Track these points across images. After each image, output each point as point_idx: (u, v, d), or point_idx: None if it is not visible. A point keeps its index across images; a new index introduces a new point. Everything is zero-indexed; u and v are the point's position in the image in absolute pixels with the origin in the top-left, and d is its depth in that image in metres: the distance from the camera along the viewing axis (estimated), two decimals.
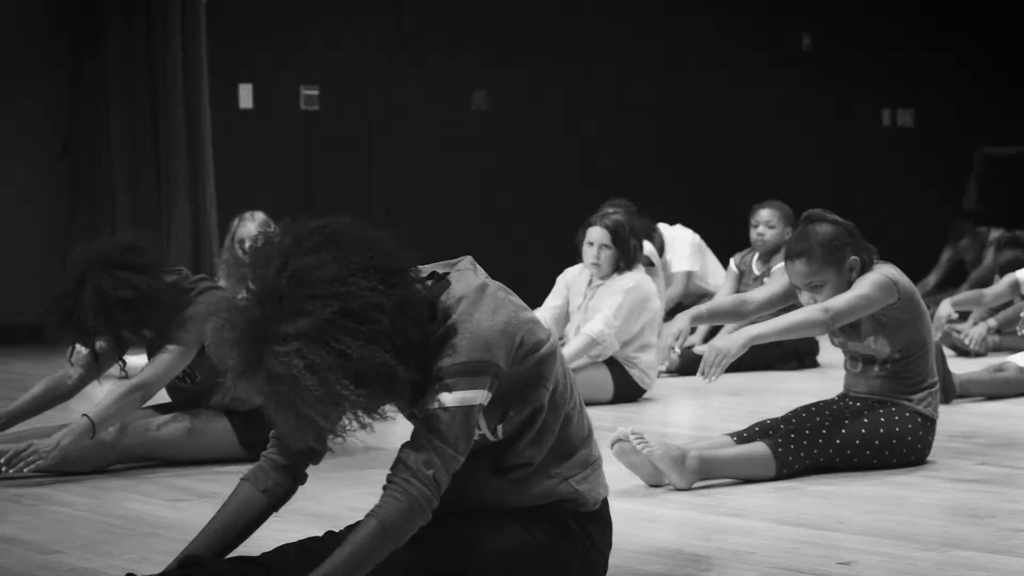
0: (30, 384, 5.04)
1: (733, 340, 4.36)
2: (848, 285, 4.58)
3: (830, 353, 7.88)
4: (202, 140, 9.67)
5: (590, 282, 6.56)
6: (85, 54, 9.83)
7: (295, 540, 2.97)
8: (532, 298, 4.96)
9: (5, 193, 9.97)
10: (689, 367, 7.57)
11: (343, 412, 2.68)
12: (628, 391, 6.38)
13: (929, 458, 4.74)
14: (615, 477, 3.12)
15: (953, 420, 5.65)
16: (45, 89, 10.00)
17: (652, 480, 4.39)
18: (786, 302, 4.81)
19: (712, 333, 7.86)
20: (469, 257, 2.98)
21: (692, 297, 9.31)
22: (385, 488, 2.77)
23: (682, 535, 3.74)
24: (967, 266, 11.24)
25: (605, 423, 5.30)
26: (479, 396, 2.77)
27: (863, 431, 4.60)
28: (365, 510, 3.20)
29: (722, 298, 4.62)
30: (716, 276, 9.52)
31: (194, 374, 4.87)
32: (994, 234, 10.96)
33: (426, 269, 2.93)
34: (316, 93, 11.04)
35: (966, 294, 7.03)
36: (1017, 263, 8.13)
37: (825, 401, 4.82)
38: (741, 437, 4.62)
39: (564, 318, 6.64)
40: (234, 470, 4.77)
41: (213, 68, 9.82)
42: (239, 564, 2.82)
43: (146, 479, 4.64)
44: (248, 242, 7.86)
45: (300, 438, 2.74)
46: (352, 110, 11.23)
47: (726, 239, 9.63)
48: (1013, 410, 6.14)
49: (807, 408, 4.78)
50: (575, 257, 6.70)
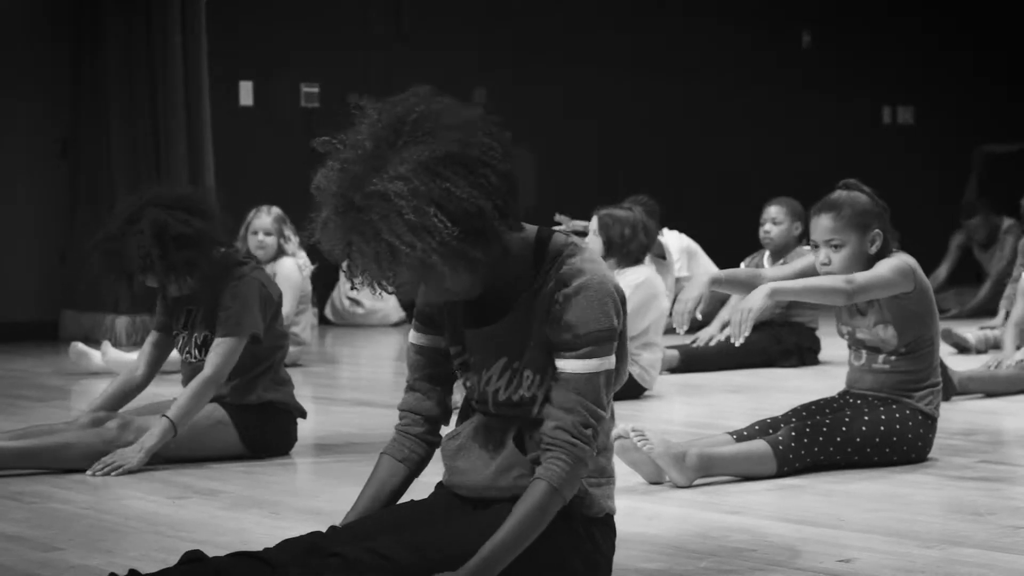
0: (31, 383, 5.04)
1: (755, 295, 4.37)
2: (865, 256, 4.62)
3: (831, 351, 7.89)
4: (202, 138, 9.67)
5: None
6: (85, 53, 9.83)
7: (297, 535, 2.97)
8: None
9: (5, 193, 9.97)
10: (691, 364, 7.58)
11: (428, 248, 2.70)
12: (628, 388, 6.34)
13: (929, 456, 4.75)
14: (616, 474, 3.13)
15: (953, 418, 5.65)
16: (45, 88, 10.01)
17: (652, 477, 4.39)
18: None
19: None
20: None
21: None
22: (546, 452, 2.85)
23: (682, 532, 3.74)
24: (976, 249, 11.24)
25: None
26: (612, 359, 2.91)
27: (864, 429, 4.60)
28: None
29: (739, 270, 4.64)
30: None
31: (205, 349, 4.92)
32: (1007, 223, 11.00)
33: None
34: (316, 90, 11.05)
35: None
36: None
37: (826, 399, 4.83)
38: (741, 436, 4.62)
39: None
40: (236, 468, 4.78)
41: (213, 66, 9.82)
42: (241, 559, 2.82)
43: (147, 477, 4.64)
44: (261, 234, 7.87)
45: (378, 273, 2.77)
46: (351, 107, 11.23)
47: (725, 238, 9.64)
48: (1013, 407, 6.14)
49: (807, 406, 4.78)
50: None
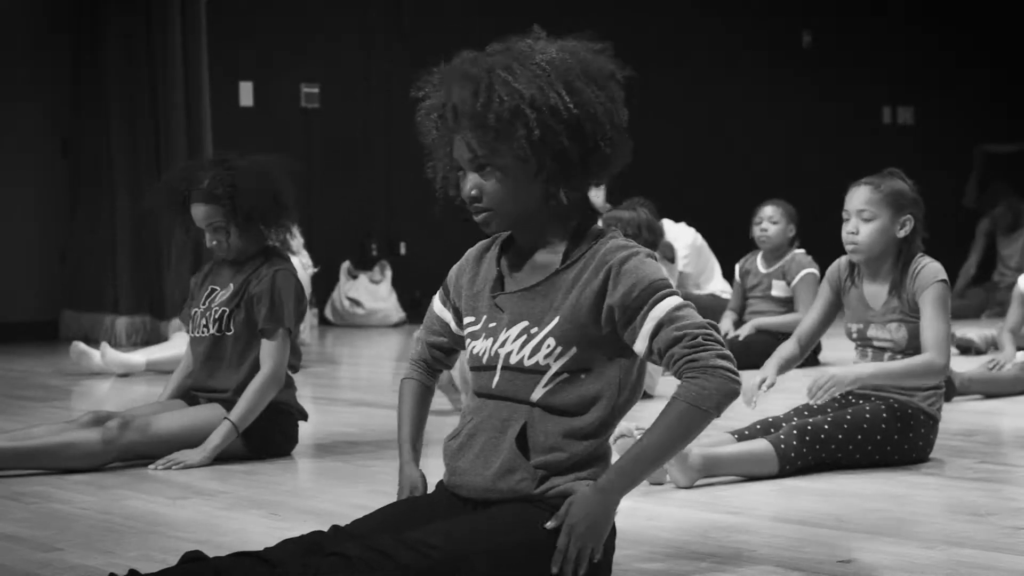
0: (31, 383, 5.04)
1: (846, 373, 4.54)
2: (893, 237, 4.73)
3: (832, 352, 7.89)
4: (202, 138, 9.67)
5: None
6: (85, 53, 9.84)
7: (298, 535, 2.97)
8: None
9: (5, 193, 9.98)
10: None
11: (535, 129, 2.84)
12: None
13: (930, 456, 4.75)
14: None
15: (953, 418, 5.65)
16: (45, 88, 10.01)
17: (653, 478, 4.39)
18: (828, 324, 4.92)
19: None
20: None
21: (691, 299, 9.32)
22: (684, 379, 2.87)
23: (682, 533, 3.74)
24: (998, 235, 11.31)
25: None
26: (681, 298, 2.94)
27: (866, 427, 4.60)
28: (366, 508, 3.20)
29: (784, 350, 4.83)
30: (715, 280, 9.52)
31: (229, 326, 4.96)
32: None
33: None
34: (316, 91, 11.05)
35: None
36: None
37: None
38: (743, 435, 4.63)
39: None
40: (236, 468, 4.78)
41: (213, 66, 9.82)
42: (241, 558, 2.82)
43: (147, 477, 4.64)
44: None
45: (471, 137, 2.93)
46: (352, 108, 11.23)
47: (724, 238, 9.64)
48: (1013, 408, 6.14)
49: (809, 406, 4.79)
50: None
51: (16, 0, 10.06)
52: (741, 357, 8.14)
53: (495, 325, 3.04)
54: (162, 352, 7.83)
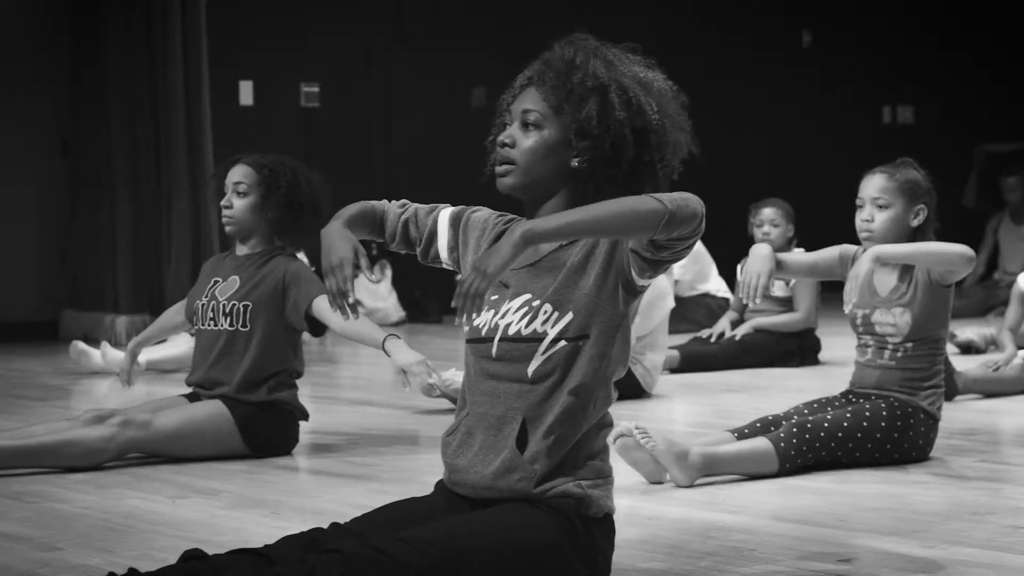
0: (31, 383, 5.04)
1: (863, 259, 4.55)
2: (907, 226, 4.76)
3: (832, 351, 7.89)
4: (202, 137, 9.67)
5: None
6: (85, 53, 9.84)
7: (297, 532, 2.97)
8: None
9: (5, 192, 9.98)
10: (691, 365, 7.58)
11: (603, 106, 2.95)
12: (630, 389, 6.32)
13: (930, 455, 4.75)
14: (616, 474, 3.12)
15: (953, 417, 5.65)
16: (45, 88, 10.01)
17: (653, 477, 4.39)
18: (816, 273, 4.89)
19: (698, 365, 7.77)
20: None
21: (684, 300, 9.33)
22: None
23: (682, 532, 3.74)
24: (1005, 225, 11.34)
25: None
26: None
27: (866, 425, 4.60)
28: (366, 507, 3.20)
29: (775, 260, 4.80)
30: (712, 280, 9.52)
31: (245, 321, 4.98)
32: None
33: None
34: (316, 90, 11.05)
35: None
36: None
37: (828, 398, 4.84)
38: (743, 434, 4.63)
39: None
40: (237, 467, 4.78)
41: (213, 65, 9.82)
42: (241, 556, 2.82)
43: (147, 476, 4.64)
44: None
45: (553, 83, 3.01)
46: (352, 107, 11.23)
47: (724, 237, 9.62)
48: (1013, 407, 6.14)
49: (809, 404, 4.79)
50: None
51: (16, 0, 10.06)
52: (740, 357, 8.17)
53: (497, 298, 3.06)
54: (162, 352, 7.82)
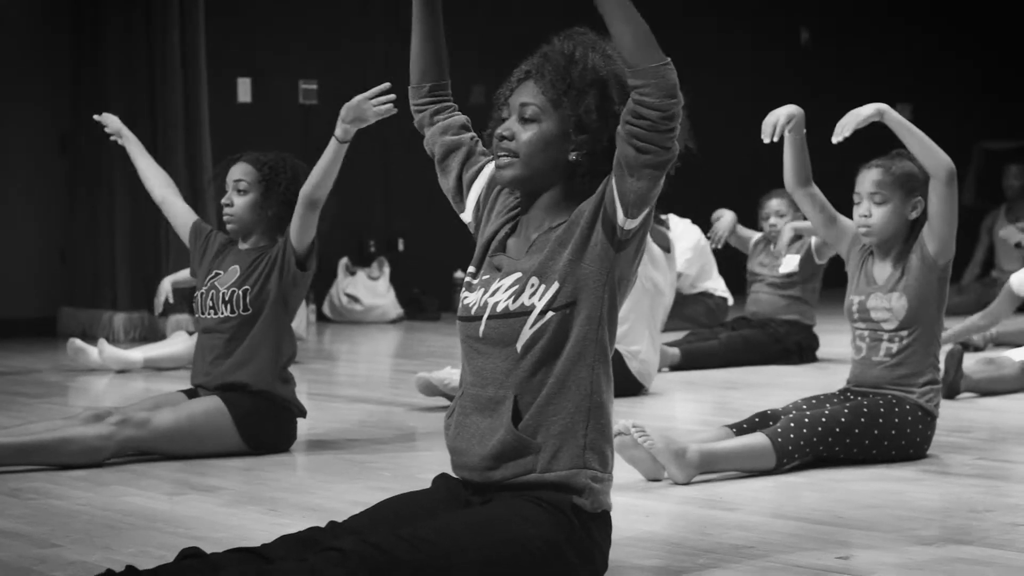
0: (29, 380, 5.04)
1: (867, 107, 4.71)
2: (905, 219, 4.75)
3: (829, 348, 7.89)
4: (200, 134, 9.65)
5: None
6: (84, 50, 9.82)
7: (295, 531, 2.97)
8: None
9: (4, 189, 9.97)
10: (690, 361, 7.57)
11: (593, 91, 3.00)
12: (628, 386, 6.30)
13: (928, 453, 4.75)
14: (614, 470, 3.12)
15: (952, 415, 5.65)
16: (44, 85, 10.00)
17: (651, 474, 4.39)
18: (827, 214, 4.90)
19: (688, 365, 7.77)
20: None
21: (684, 298, 9.34)
22: None
23: (680, 529, 3.74)
24: (1008, 198, 11.38)
25: None
26: None
27: (863, 420, 4.60)
28: (364, 504, 3.21)
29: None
30: (712, 279, 9.52)
31: (246, 303, 4.99)
32: None
33: None
34: (315, 87, 11.04)
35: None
36: None
37: (826, 394, 4.84)
38: (740, 428, 4.63)
39: None
40: (234, 464, 4.78)
41: (211, 62, 9.81)
42: (239, 555, 2.82)
43: (145, 473, 4.64)
44: None
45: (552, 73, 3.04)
46: None
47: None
48: (1011, 405, 6.14)
49: (808, 400, 4.79)
50: None
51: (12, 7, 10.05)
52: (738, 354, 8.12)
53: (488, 278, 3.08)
54: (160, 349, 7.82)
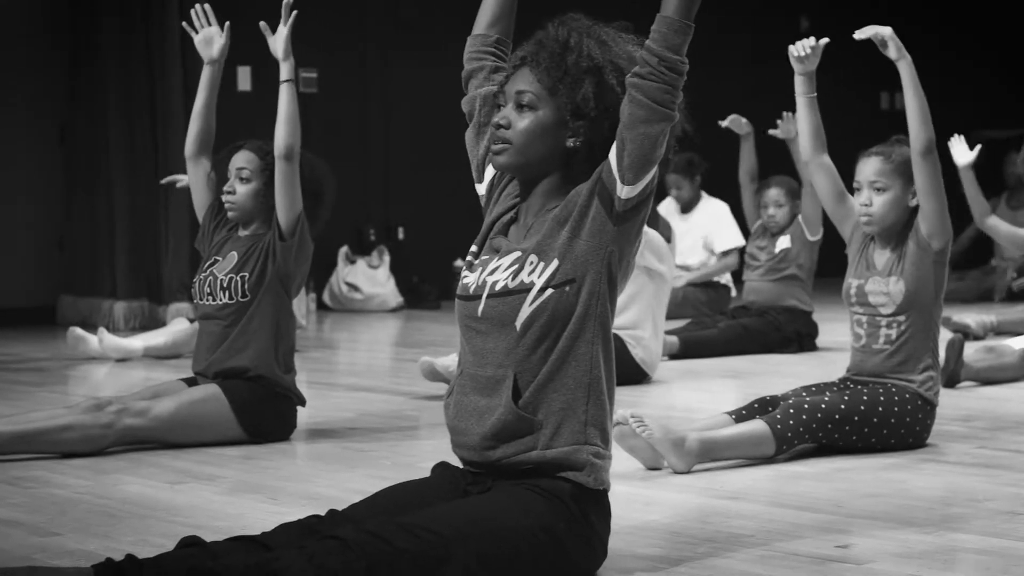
0: (28, 368, 5.03)
1: (892, 36, 4.91)
2: (905, 206, 4.77)
3: (829, 336, 7.89)
4: None
5: None
6: (82, 38, 9.82)
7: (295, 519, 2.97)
8: None
9: (3, 179, 9.96)
10: (690, 351, 7.57)
11: (591, 81, 3.00)
12: (631, 374, 6.29)
13: (928, 442, 4.75)
14: (613, 461, 3.12)
15: (953, 403, 5.65)
16: (43, 75, 9.99)
17: (651, 463, 4.39)
18: (837, 185, 4.90)
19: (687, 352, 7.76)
20: None
21: (686, 286, 9.36)
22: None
23: (680, 518, 3.74)
24: (1009, 185, 11.39)
25: None
26: None
27: (862, 408, 4.60)
28: (364, 492, 3.20)
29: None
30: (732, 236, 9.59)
31: (244, 289, 4.98)
32: None
33: None
34: (314, 76, 11.03)
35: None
36: None
37: (826, 383, 4.84)
38: (740, 415, 4.63)
39: None
40: (234, 453, 4.78)
41: None
42: (239, 543, 2.82)
43: (145, 462, 4.64)
44: None
45: (548, 61, 3.03)
46: (349, 93, 11.22)
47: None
48: (1011, 394, 6.14)
49: (808, 387, 4.80)
50: None
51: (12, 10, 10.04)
52: (738, 343, 8.12)
53: (487, 258, 3.09)
54: (160, 338, 7.82)
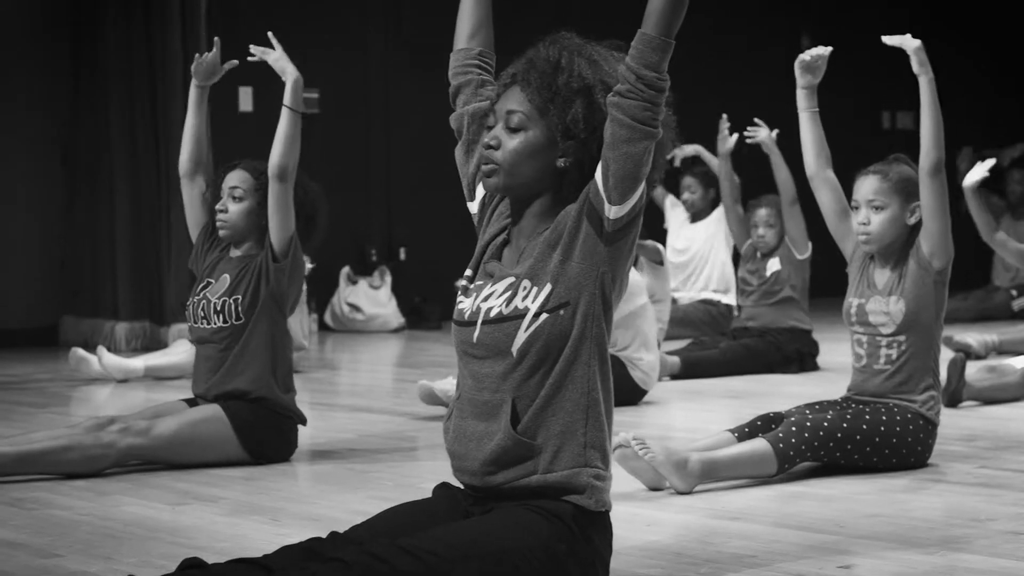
0: (30, 389, 5.04)
1: (919, 48, 4.93)
2: (904, 224, 4.75)
3: (830, 356, 7.89)
4: None
5: None
6: (84, 59, 9.83)
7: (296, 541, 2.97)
8: None
9: (5, 199, 9.96)
10: (691, 371, 7.57)
11: (577, 99, 2.97)
12: (629, 393, 6.34)
13: (929, 461, 4.75)
14: (615, 481, 3.12)
15: (954, 423, 5.65)
16: (45, 96, 10.00)
17: (653, 484, 4.39)
18: (839, 195, 4.92)
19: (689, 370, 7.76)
20: None
21: (688, 306, 9.36)
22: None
23: (682, 538, 3.74)
24: (1010, 201, 11.37)
25: None
26: None
27: (864, 427, 4.60)
28: (366, 513, 3.20)
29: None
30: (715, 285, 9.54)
31: (238, 312, 4.98)
32: None
33: None
34: (316, 96, 11.05)
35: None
36: None
37: (829, 401, 4.84)
38: (743, 432, 4.63)
39: None
40: (236, 473, 4.78)
41: None
42: (240, 565, 2.82)
43: (147, 483, 4.64)
44: None
45: (538, 81, 3.01)
46: (351, 113, 11.23)
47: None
48: (1013, 413, 6.13)
49: (811, 405, 4.80)
50: None
51: (15, 8, 10.05)
52: (739, 363, 8.12)
53: (482, 283, 3.07)
54: (162, 358, 7.82)
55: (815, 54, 4.80)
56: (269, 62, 5.23)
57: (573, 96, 2.97)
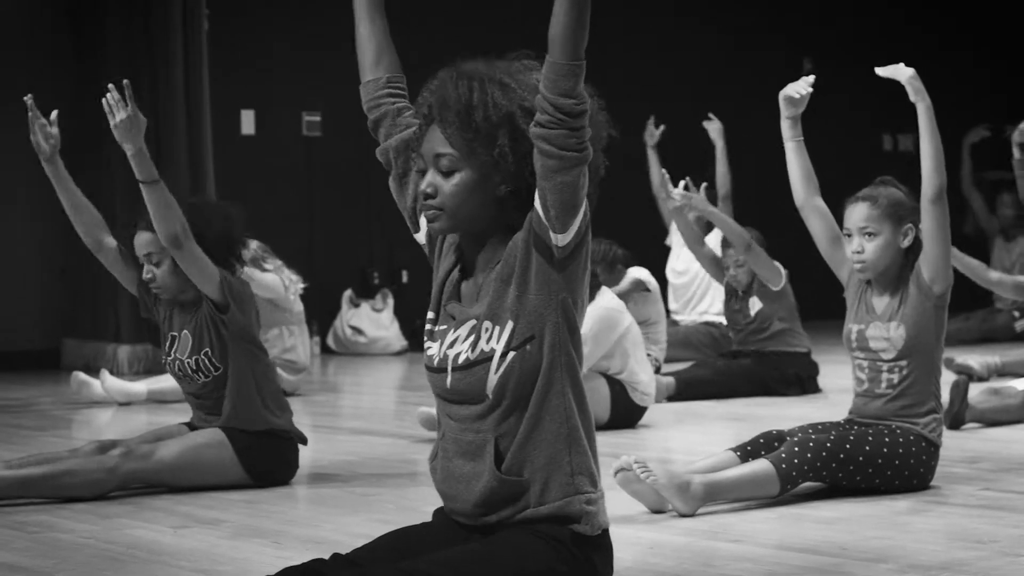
0: (32, 412, 5.04)
1: (914, 77, 4.94)
2: (898, 248, 4.75)
3: (831, 378, 7.88)
4: (204, 167, 9.67)
5: None
6: (84, 80, 9.85)
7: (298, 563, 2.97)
8: None
9: (5, 216, 9.96)
10: (687, 392, 7.55)
11: (500, 132, 2.91)
12: (628, 412, 6.33)
13: (932, 483, 4.74)
14: (617, 504, 3.12)
15: (957, 445, 5.64)
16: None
17: (655, 507, 4.38)
18: (828, 222, 4.93)
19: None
20: None
21: (688, 327, 9.35)
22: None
23: (685, 561, 3.73)
24: (1001, 226, 11.35)
25: (605, 450, 5.29)
26: None
27: (867, 448, 4.60)
28: (367, 536, 3.20)
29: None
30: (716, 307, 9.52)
31: (214, 363, 4.97)
32: None
33: None
34: (318, 119, 11.07)
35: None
36: None
37: (831, 422, 4.83)
38: (745, 451, 4.63)
39: None
40: (237, 497, 4.78)
41: (215, 94, 9.83)
42: None
43: (149, 506, 4.64)
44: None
45: (455, 120, 2.96)
46: (353, 136, 11.24)
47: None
48: (1016, 435, 6.13)
49: (813, 425, 4.79)
50: None
51: (14, 27, 10.07)
52: (736, 384, 8.09)
53: (445, 328, 3.03)
54: (164, 382, 7.81)
55: (801, 92, 4.80)
56: (112, 126, 5.19)
57: (494, 130, 2.91)
